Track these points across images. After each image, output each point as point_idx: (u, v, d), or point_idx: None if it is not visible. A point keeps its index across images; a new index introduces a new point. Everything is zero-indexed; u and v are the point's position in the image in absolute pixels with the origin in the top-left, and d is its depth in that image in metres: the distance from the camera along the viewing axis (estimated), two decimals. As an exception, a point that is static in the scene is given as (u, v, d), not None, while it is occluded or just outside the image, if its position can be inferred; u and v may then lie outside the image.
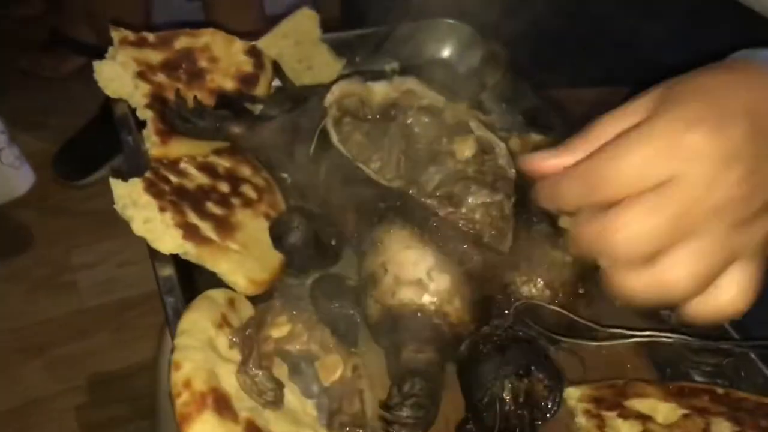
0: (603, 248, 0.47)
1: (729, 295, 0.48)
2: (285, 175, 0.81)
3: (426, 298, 0.61)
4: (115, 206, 0.67)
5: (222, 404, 0.53)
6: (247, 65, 0.87)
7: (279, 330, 0.63)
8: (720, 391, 0.62)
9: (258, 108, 0.83)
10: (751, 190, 0.46)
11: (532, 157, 0.54)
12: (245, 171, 0.77)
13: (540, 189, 0.53)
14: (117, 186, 0.67)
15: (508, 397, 0.59)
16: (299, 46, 0.93)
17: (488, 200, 0.63)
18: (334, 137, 0.69)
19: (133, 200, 0.67)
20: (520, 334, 0.62)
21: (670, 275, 0.46)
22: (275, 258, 0.71)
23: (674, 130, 0.46)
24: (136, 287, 1.47)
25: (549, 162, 0.52)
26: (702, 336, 0.62)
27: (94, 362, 1.40)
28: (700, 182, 0.45)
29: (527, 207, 0.65)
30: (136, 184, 0.68)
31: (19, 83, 1.95)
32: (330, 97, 0.73)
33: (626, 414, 0.60)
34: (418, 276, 0.61)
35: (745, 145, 0.45)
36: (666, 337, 0.59)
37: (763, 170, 0.46)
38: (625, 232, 0.46)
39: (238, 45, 0.88)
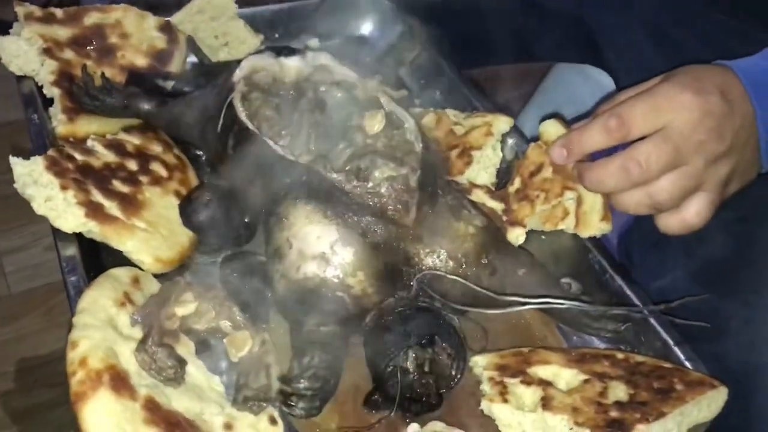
0: (624, 166, 0.64)
1: (690, 212, 0.66)
2: (199, 152, 0.81)
3: (329, 272, 0.61)
4: (14, 185, 0.66)
5: (119, 382, 0.53)
6: (159, 41, 0.86)
7: (185, 308, 0.62)
8: (620, 356, 0.64)
9: (170, 84, 0.81)
10: (719, 136, 0.64)
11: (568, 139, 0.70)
12: (156, 148, 0.76)
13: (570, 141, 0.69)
14: (17, 165, 0.66)
15: (411, 367, 0.60)
16: (215, 21, 0.92)
17: (394, 174, 0.63)
18: (241, 112, 0.69)
19: (33, 179, 0.65)
20: (424, 304, 0.62)
21: (659, 189, 0.64)
22: (185, 236, 0.70)
23: (670, 90, 0.65)
24: (63, 271, 1.43)
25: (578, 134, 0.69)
26: (597, 303, 0.63)
27: (22, 348, 1.37)
28: (687, 126, 0.64)
29: (433, 180, 0.66)
30: (37, 163, 0.66)
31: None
32: (239, 73, 0.72)
33: (529, 381, 0.61)
34: (321, 250, 0.61)
35: (717, 105, 0.64)
36: (559, 304, 0.61)
37: (727, 124, 0.65)
38: (641, 157, 0.63)
39: (151, 21, 0.87)
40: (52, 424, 1.23)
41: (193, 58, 0.90)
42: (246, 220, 0.72)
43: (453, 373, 0.61)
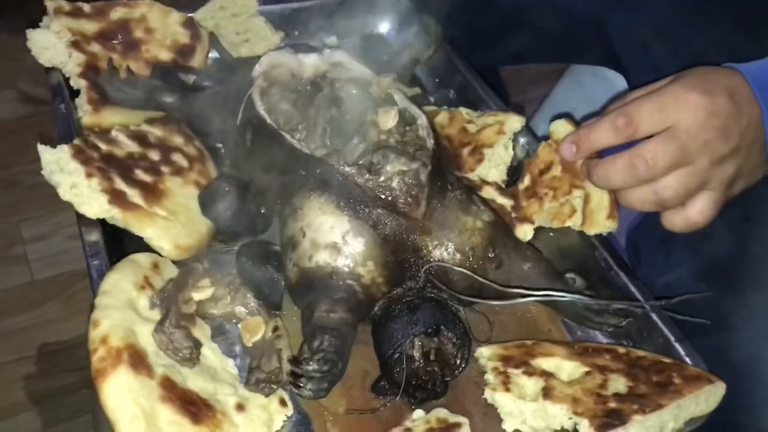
0: (631, 163, 0.66)
1: (694, 211, 0.67)
2: (219, 145, 0.83)
3: (340, 261, 0.63)
4: (42, 172, 0.69)
5: (138, 360, 0.56)
6: (183, 37, 0.89)
7: (201, 293, 0.65)
8: (621, 350, 0.66)
9: (192, 79, 0.84)
10: (725, 136, 0.66)
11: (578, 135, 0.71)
12: (177, 140, 0.79)
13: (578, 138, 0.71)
14: (44, 152, 0.69)
15: (417, 354, 0.62)
16: (237, 18, 0.94)
17: (405, 168, 0.65)
18: (260, 107, 0.71)
19: (60, 166, 0.68)
20: (431, 295, 0.64)
21: (665, 187, 0.66)
22: (203, 225, 0.73)
23: (679, 90, 0.66)
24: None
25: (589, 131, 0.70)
26: (599, 297, 0.65)
27: (44, 333, 1.40)
28: (694, 125, 0.65)
29: (443, 175, 0.68)
30: (63, 151, 0.69)
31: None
32: (258, 68, 0.75)
33: (531, 371, 0.63)
34: (333, 240, 0.64)
35: (724, 106, 0.66)
36: (561, 297, 0.63)
37: (734, 125, 0.66)
38: (648, 155, 0.65)
39: (175, 16, 0.90)
40: (71, 407, 1.27)
41: (214, 54, 0.93)
42: (262, 211, 0.75)
43: (458, 362, 0.63)
